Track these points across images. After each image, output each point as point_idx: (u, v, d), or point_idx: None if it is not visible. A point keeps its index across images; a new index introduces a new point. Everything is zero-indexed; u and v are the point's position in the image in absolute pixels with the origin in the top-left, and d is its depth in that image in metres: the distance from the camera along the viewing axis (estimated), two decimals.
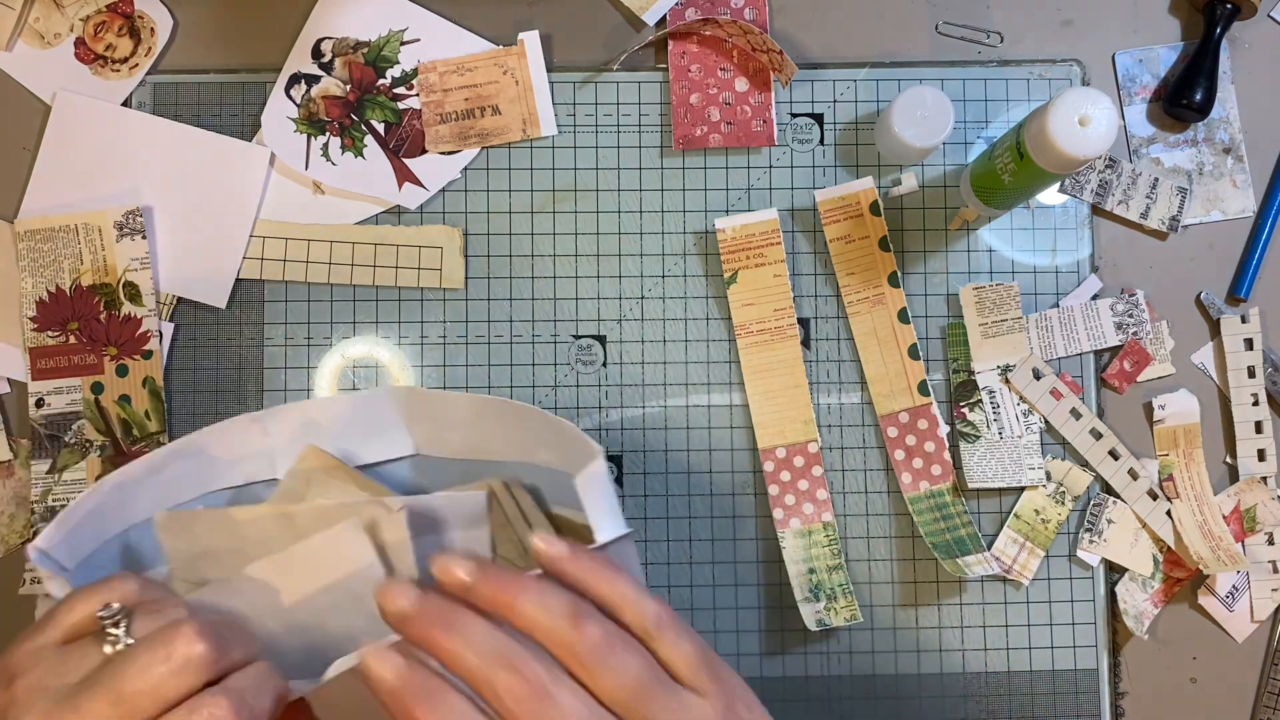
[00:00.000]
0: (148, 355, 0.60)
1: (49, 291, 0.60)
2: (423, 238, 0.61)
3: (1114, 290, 0.62)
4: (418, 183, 0.61)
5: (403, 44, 0.62)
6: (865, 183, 0.62)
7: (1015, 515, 0.61)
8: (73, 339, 0.60)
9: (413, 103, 0.62)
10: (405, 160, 0.61)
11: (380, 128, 0.61)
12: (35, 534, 0.59)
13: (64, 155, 0.61)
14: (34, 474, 0.59)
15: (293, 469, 0.47)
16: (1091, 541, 0.61)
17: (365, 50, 0.62)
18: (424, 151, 0.61)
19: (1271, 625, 0.62)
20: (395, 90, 0.62)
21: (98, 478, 0.59)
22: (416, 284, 0.61)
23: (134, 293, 0.60)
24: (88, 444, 0.60)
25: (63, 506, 0.59)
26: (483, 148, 0.62)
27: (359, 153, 0.61)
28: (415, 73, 0.62)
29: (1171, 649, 0.61)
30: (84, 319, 0.60)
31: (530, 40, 0.61)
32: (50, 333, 0.60)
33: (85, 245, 0.60)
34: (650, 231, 0.62)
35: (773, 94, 0.62)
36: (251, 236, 0.61)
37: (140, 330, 0.60)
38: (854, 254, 0.61)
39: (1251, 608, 0.61)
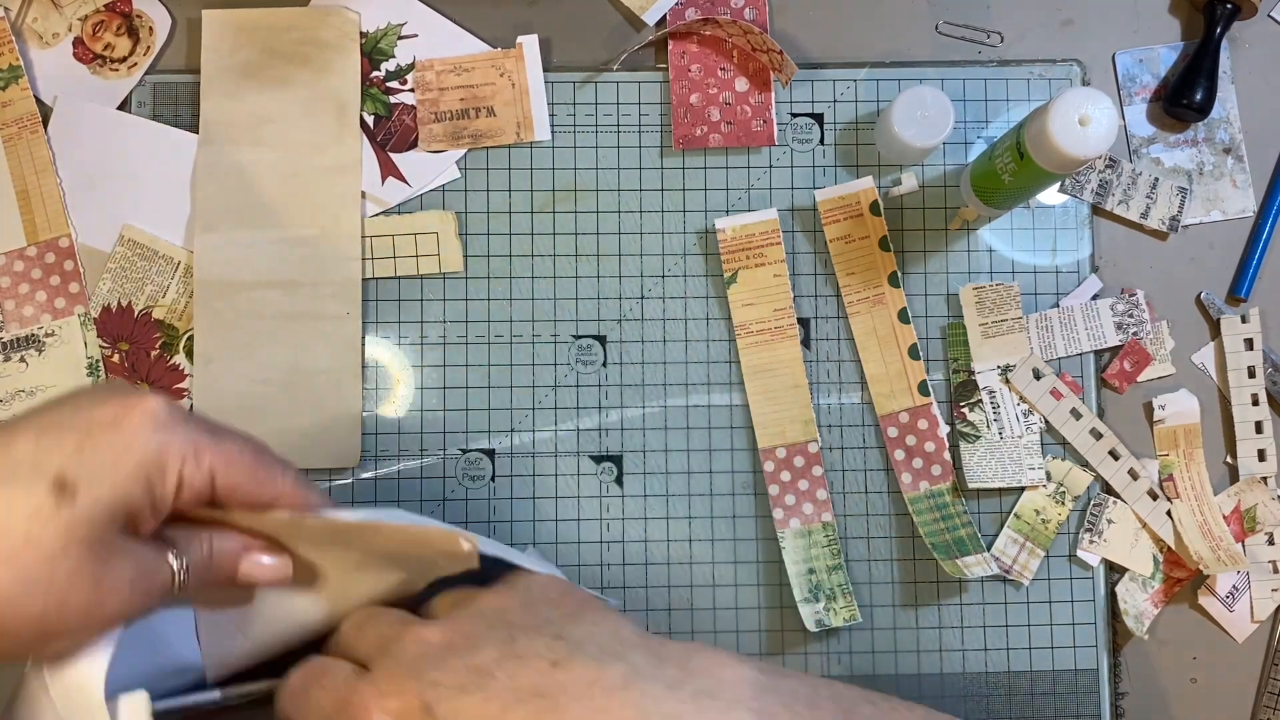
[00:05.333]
0: None
1: (119, 304, 0.60)
2: (418, 225, 0.61)
3: (1114, 290, 0.62)
4: (401, 178, 0.61)
5: (400, 38, 0.62)
6: (865, 183, 0.61)
7: (1015, 515, 0.61)
8: (116, 357, 0.60)
9: (404, 98, 0.61)
10: (391, 155, 0.61)
11: (370, 120, 0.61)
12: None
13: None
14: None
15: None
16: (1091, 541, 0.61)
17: (363, 41, 0.62)
18: (410, 147, 0.61)
19: (1271, 625, 0.62)
20: (388, 84, 0.62)
21: None
22: (416, 271, 0.61)
23: (192, 350, 0.60)
24: None
25: None
26: (475, 149, 0.62)
27: None
28: (410, 67, 0.61)
29: (1171, 649, 0.61)
30: (136, 346, 0.60)
31: (529, 44, 0.61)
32: (101, 341, 0.60)
33: (177, 282, 0.60)
34: (650, 231, 0.62)
35: (773, 94, 0.62)
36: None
37: (179, 385, 0.60)
38: (854, 254, 0.61)
39: (1251, 608, 0.61)
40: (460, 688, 0.37)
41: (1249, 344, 0.62)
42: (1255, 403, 0.62)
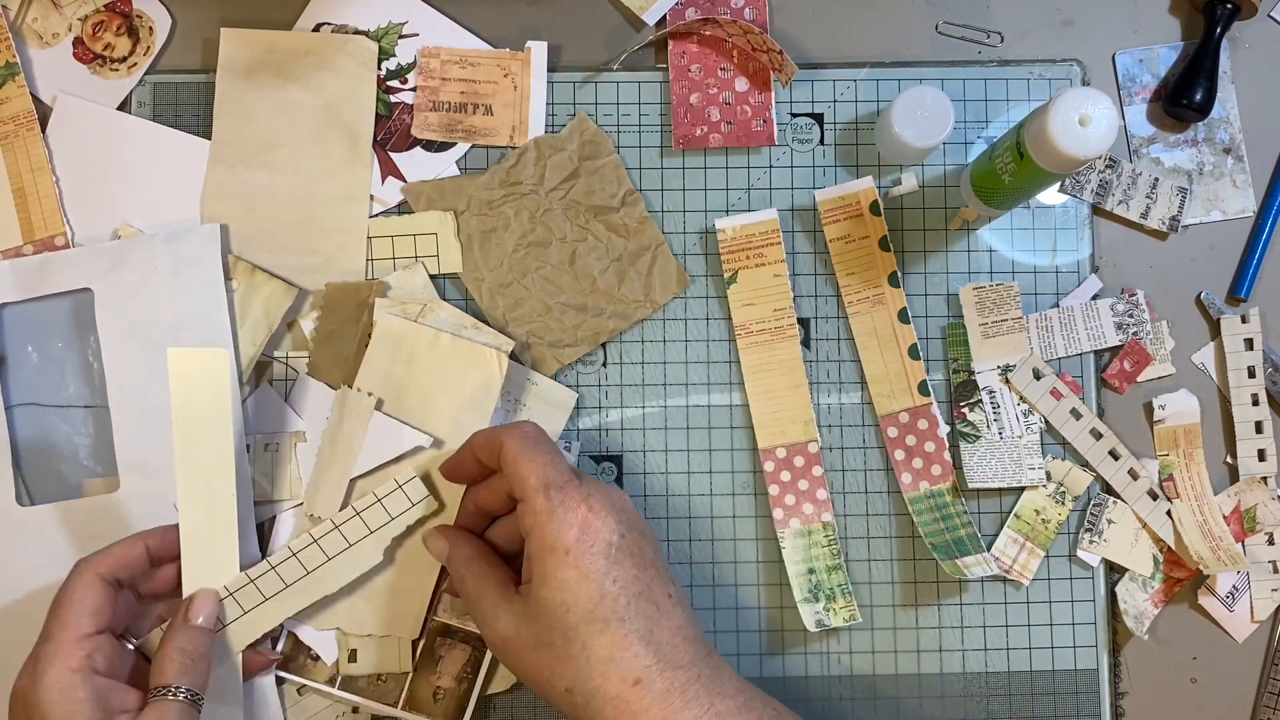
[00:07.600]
0: None
1: None
2: (417, 225, 0.61)
3: (1114, 290, 0.62)
4: (401, 178, 0.61)
5: (401, 37, 0.62)
6: (865, 183, 0.61)
7: (1015, 515, 0.61)
8: None
9: (404, 97, 0.61)
10: (391, 154, 0.61)
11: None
12: None
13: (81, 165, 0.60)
14: None
15: None
16: (1091, 541, 0.61)
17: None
18: (409, 147, 0.61)
19: (1271, 625, 0.62)
20: (389, 83, 0.61)
21: None
22: None
23: None
24: None
25: None
26: (469, 144, 0.61)
27: None
28: (411, 66, 0.61)
29: (1171, 649, 0.61)
30: None
31: (537, 49, 0.61)
32: None
33: None
34: None
35: (773, 94, 0.62)
36: None
37: None
38: (854, 254, 0.61)
39: (1251, 608, 0.61)
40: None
41: (1249, 344, 0.62)
42: (1255, 403, 0.62)
